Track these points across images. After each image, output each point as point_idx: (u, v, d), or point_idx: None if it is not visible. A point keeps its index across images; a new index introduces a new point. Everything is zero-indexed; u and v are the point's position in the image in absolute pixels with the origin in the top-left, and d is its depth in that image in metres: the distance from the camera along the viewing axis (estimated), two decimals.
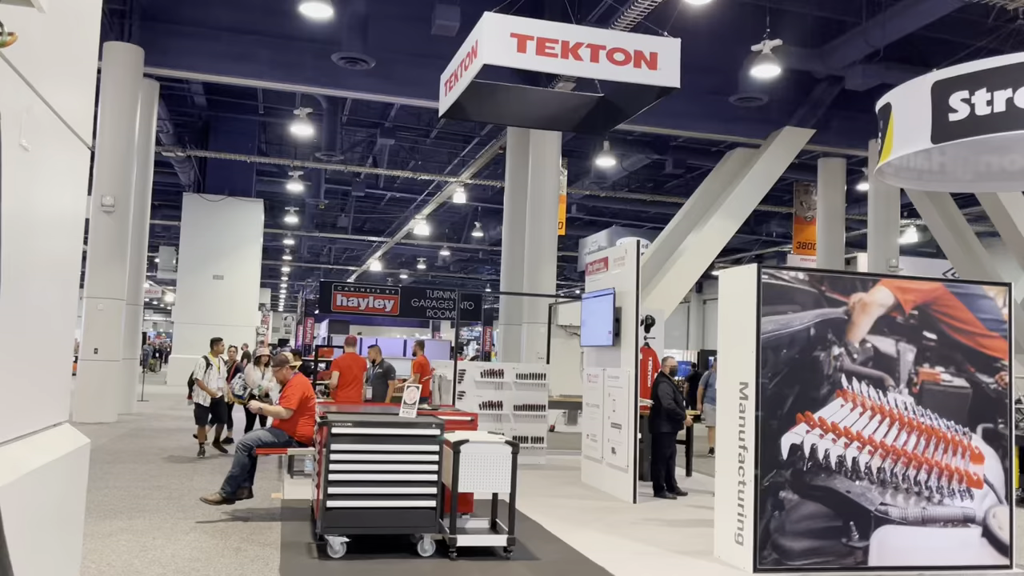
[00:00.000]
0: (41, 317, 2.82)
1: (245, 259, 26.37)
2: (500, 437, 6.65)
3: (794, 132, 17.96)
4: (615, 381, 9.61)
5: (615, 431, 9.51)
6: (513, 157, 18.66)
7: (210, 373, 11.39)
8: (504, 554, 6.40)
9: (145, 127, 16.64)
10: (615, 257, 10.05)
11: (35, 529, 2.71)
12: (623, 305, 9.60)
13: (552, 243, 16.91)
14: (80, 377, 14.69)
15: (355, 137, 23.54)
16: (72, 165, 3.10)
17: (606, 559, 6.48)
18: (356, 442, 6.22)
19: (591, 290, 10.55)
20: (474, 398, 11.59)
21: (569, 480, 10.46)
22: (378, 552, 6.31)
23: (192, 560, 5.96)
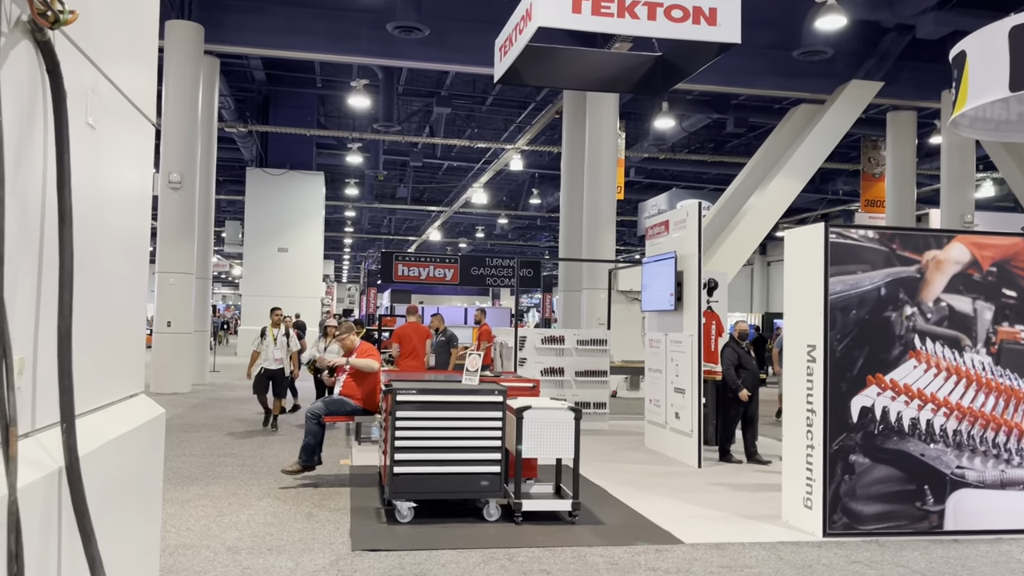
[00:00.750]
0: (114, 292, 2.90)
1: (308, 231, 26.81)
2: (562, 403, 6.65)
3: (861, 85, 17.32)
4: (678, 346, 9.52)
5: (678, 396, 9.44)
6: (570, 121, 18.46)
7: (266, 344, 11.12)
8: (569, 518, 6.44)
9: (207, 103, 16.95)
10: (676, 220, 9.91)
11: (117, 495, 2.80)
12: (685, 269, 9.48)
13: (611, 208, 16.74)
14: (154, 349, 15.22)
15: (411, 107, 23.58)
16: (138, 142, 3.16)
17: (671, 523, 6.46)
18: (421, 409, 6.30)
19: (652, 254, 10.43)
20: (535, 365, 11.62)
21: (632, 445, 10.44)
22: (445, 517, 6.40)
23: (266, 525, 6.14)
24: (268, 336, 11.12)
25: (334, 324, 12.05)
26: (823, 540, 6.12)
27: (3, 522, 1.84)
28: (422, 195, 34.51)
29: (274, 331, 11.18)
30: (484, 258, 17.68)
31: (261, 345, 11.07)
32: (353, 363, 7.81)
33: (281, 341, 11.15)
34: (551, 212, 30.89)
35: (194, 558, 5.28)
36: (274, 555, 5.37)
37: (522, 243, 44.83)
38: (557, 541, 5.86)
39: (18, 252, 2.05)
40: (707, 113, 20.45)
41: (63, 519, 2.24)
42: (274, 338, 11.15)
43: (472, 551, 5.56)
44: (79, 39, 2.40)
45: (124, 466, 2.90)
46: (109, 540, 2.59)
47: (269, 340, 11.10)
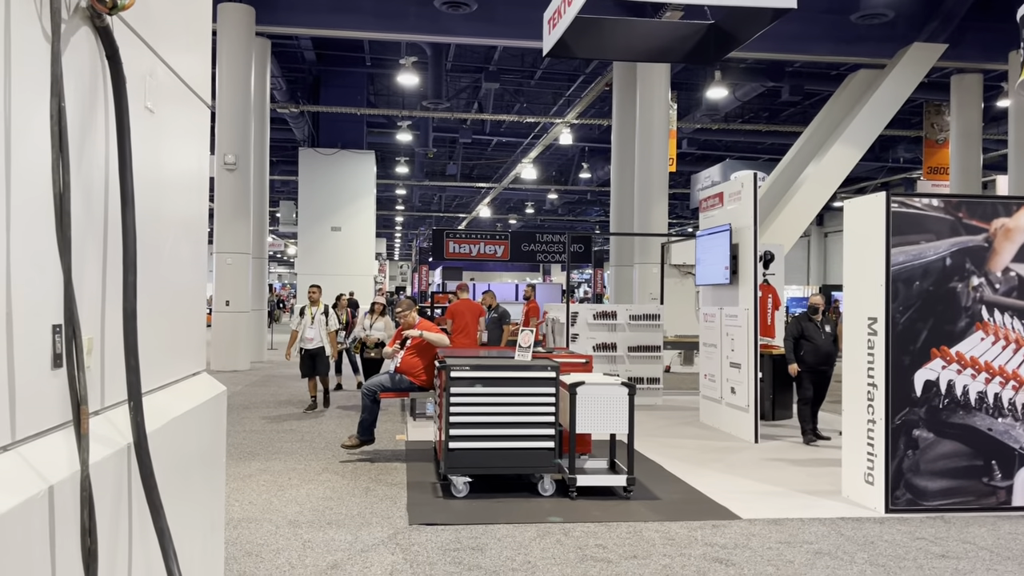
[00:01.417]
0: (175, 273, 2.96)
1: (360, 210, 27.05)
2: (616, 378, 6.64)
3: (923, 48, 16.71)
4: (733, 320, 9.41)
5: (734, 370, 9.33)
6: (620, 93, 18.22)
7: (304, 323, 10.79)
8: (624, 494, 6.44)
9: (260, 85, 17.17)
10: (730, 192, 9.75)
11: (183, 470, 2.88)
12: (740, 241, 9.34)
13: (663, 180, 16.53)
14: (214, 328, 15.58)
15: (460, 83, 23.54)
16: (195, 125, 3.21)
17: (728, 498, 6.42)
18: (475, 385, 6.35)
19: (705, 227, 10.30)
20: (587, 340, 11.60)
21: (687, 420, 10.39)
22: (500, 491, 6.46)
23: (325, 499, 6.27)
24: (306, 314, 10.84)
25: (381, 301, 11.80)
26: (885, 516, 6.02)
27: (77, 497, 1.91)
28: (472, 172, 34.52)
29: (312, 309, 10.90)
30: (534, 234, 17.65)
31: (299, 324, 10.86)
32: (427, 336, 7.81)
33: (319, 320, 10.81)
34: (602, 186, 30.66)
35: (257, 531, 5.42)
36: (334, 529, 5.49)
37: (572, 218, 44.61)
38: (612, 516, 5.87)
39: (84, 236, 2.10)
40: (761, 81, 19.98)
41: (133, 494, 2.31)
42: (311, 316, 10.84)
43: (528, 526, 5.60)
44: (136, 24, 2.44)
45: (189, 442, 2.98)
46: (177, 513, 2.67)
47: (307, 318, 10.81)
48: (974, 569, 4.91)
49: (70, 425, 1.98)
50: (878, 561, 5.02)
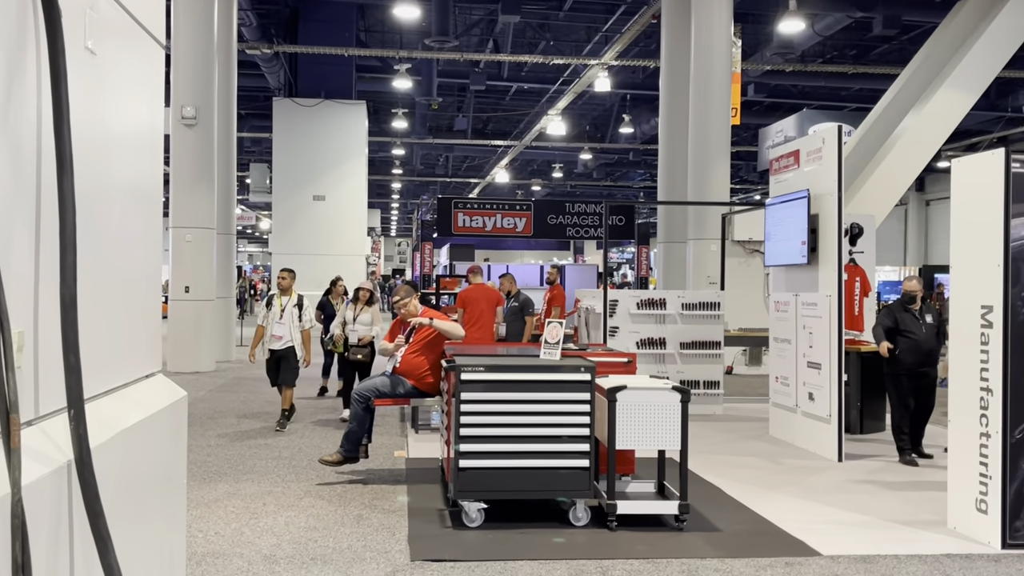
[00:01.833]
0: (123, 251, 2.98)
1: (349, 175, 27.11)
2: (665, 382, 6.63)
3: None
4: (812, 309, 9.38)
5: (812, 372, 9.31)
6: (670, 28, 18.09)
7: (271, 317, 10.39)
8: (675, 524, 6.44)
9: (225, 21, 17.23)
10: (808, 149, 9.71)
11: (136, 493, 2.91)
12: (821, 211, 9.30)
13: (723, 136, 16.43)
14: (171, 320, 15.73)
15: (471, 17, 23.48)
16: (146, 69, 3.22)
17: (804, 530, 6.40)
18: (491, 390, 6.36)
19: (777, 194, 10.27)
20: (629, 335, 11.59)
21: (753, 433, 10.38)
22: (522, 521, 6.48)
23: (308, 529, 6.32)
24: (275, 306, 10.41)
25: (367, 287, 11.43)
26: (1001, 552, 5.98)
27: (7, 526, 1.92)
28: (485, 127, 34.48)
29: (282, 300, 10.46)
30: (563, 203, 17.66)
31: (266, 318, 10.46)
32: (439, 326, 7.82)
33: (290, 313, 10.35)
34: (647, 143, 30.50)
35: (225, 569, 5.48)
36: (319, 566, 5.54)
37: (611, 184, 44.48)
38: (661, 551, 5.87)
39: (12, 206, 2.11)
40: (847, 12, 19.75)
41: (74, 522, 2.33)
42: (280, 308, 10.39)
43: (556, 563, 5.62)
44: None
45: (143, 459, 3.01)
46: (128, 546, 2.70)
47: (274, 311, 10.38)
48: None
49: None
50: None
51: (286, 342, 10.32)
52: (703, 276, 16.07)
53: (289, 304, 10.43)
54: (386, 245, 61.68)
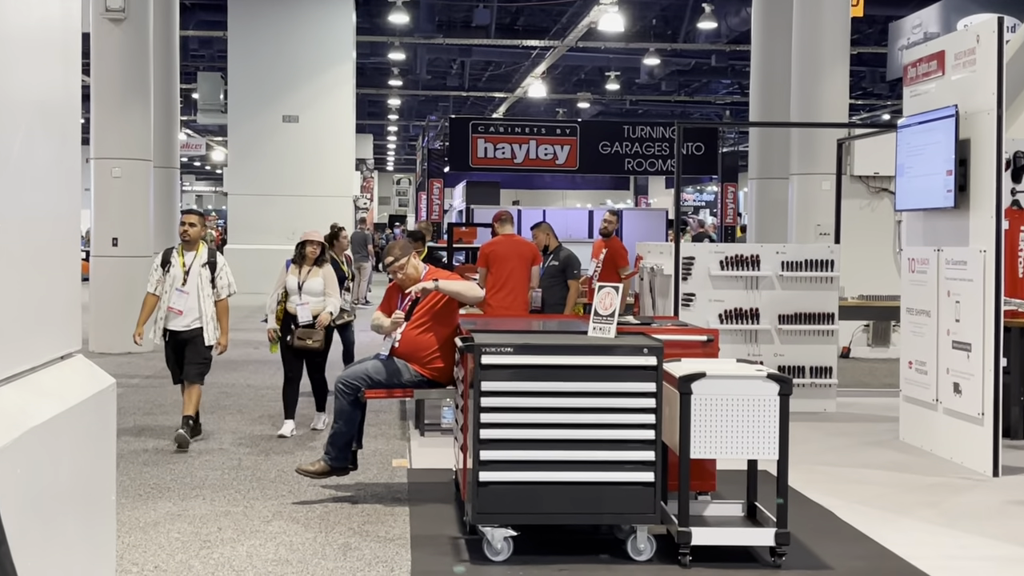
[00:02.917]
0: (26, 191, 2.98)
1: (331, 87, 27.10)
2: (758, 368, 6.61)
3: None
4: (960, 270, 9.31)
5: (961, 355, 9.25)
6: None
7: (169, 282, 9.61)
8: (771, 558, 6.44)
9: None
10: (956, 50, 9.60)
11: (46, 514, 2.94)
12: (973, 136, 9.22)
13: (841, 33, 16.28)
14: (94, 283, 15.85)
15: None
16: None
17: (946, 568, 6.41)
18: (521, 378, 6.36)
19: (914, 112, 10.19)
20: (710, 305, 11.54)
21: (878, 438, 10.37)
22: (563, 553, 6.51)
23: (278, 562, 6.37)
24: (175, 266, 9.64)
25: (318, 239, 10.35)
26: None
27: None
28: (515, 21, 34.28)
29: (184, 257, 9.69)
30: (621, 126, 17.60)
31: (162, 284, 9.63)
32: (446, 287, 7.71)
33: (197, 276, 9.64)
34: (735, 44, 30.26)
35: None
36: None
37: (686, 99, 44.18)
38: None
39: None
40: None
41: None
42: (184, 270, 9.61)
43: None
44: None
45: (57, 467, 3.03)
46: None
47: (175, 273, 9.61)
48: None
49: None
50: None
51: (192, 319, 9.60)
52: (811, 225, 15.97)
53: (195, 263, 9.65)
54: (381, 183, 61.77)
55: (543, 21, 33.74)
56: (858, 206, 16.11)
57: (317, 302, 10.03)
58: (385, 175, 66.75)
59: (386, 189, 62.92)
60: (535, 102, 43.44)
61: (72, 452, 3.20)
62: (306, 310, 9.93)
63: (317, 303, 10.03)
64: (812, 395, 11.54)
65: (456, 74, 42.67)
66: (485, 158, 17.94)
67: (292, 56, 26.40)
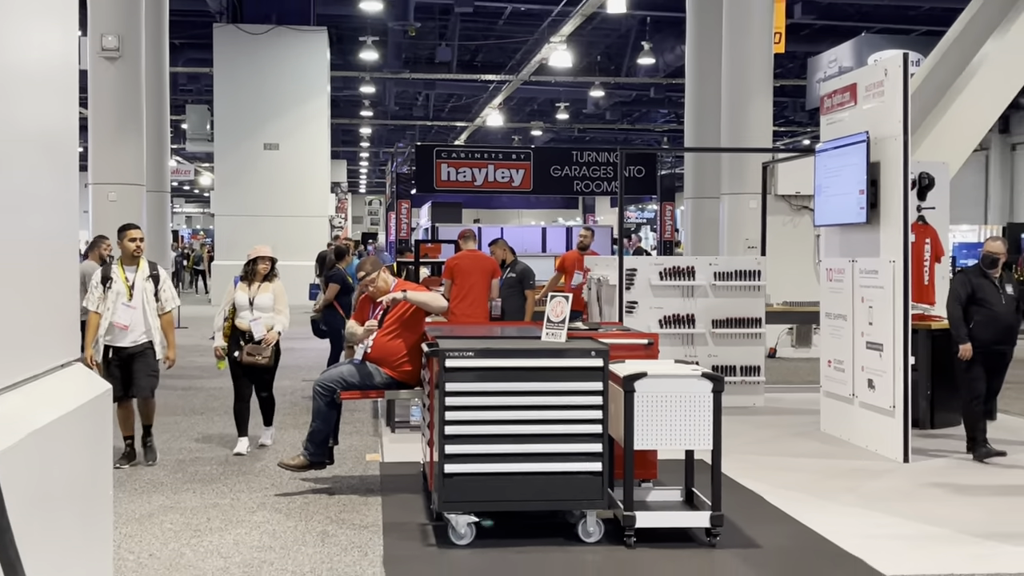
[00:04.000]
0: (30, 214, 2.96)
1: (308, 119, 27.06)
2: (694, 368, 6.65)
3: None
4: (872, 278, 9.40)
5: (873, 354, 9.34)
6: None
7: (111, 298, 8.49)
8: (707, 539, 6.46)
9: None
10: (868, 83, 9.71)
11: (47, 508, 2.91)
12: (882, 159, 9.32)
13: (765, 68, 16.43)
14: None
15: None
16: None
17: (865, 546, 6.42)
18: (482, 379, 6.36)
19: (830, 138, 10.29)
20: (650, 311, 11.60)
21: (801, 429, 10.44)
22: (521, 537, 6.51)
23: (262, 549, 6.34)
24: (117, 281, 8.53)
25: (269, 254, 9.29)
26: None
27: None
28: (474, 58, 34.32)
29: (126, 272, 8.59)
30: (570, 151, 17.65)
31: (102, 300, 8.48)
32: (414, 298, 7.76)
33: (142, 290, 8.56)
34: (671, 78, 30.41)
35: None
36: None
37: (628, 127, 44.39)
38: (688, 572, 5.91)
39: None
40: None
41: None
42: (128, 286, 8.51)
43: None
44: None
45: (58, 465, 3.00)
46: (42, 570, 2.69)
47: (119, 289, 8.50)
48: None
49: None
50: None
51: (140, 334, 8.50)
52: (740, 239, 16.08)
53: (139, 278, 8.58)
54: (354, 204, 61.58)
55: (499, 58, 33.82)
56: (781, 222, 16.21)
57: (268, 317, 9.08)
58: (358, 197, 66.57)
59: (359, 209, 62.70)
60: (493, 130, 43.49)
61: (71, 452, 3.17)
62: (259, 325, 8.99)
63: (268, 318, 9.08)
64: (742, 392, 11.61)
65: (421, 105, 42.68)
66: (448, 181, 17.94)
67: (272, 89, 26.32)
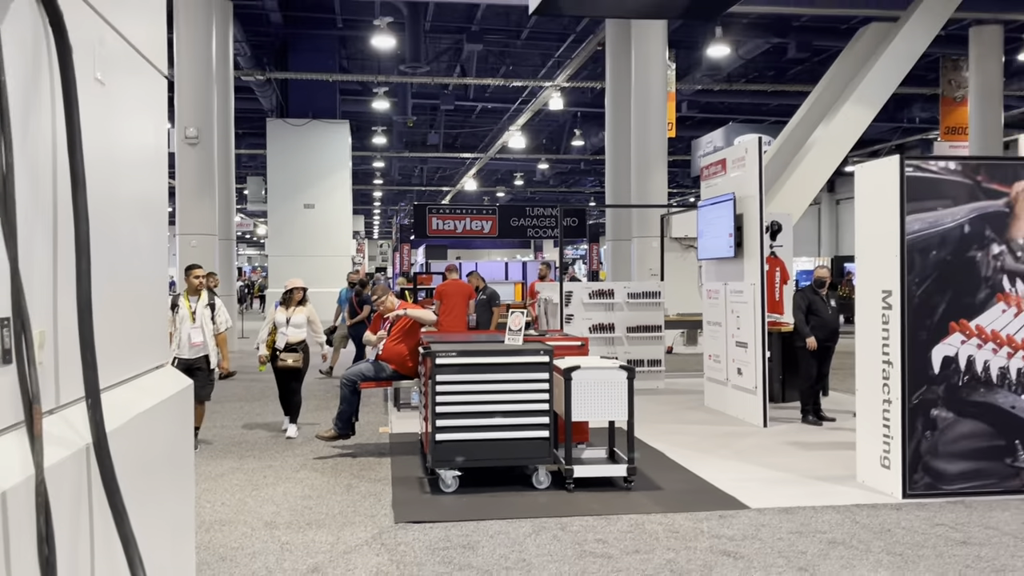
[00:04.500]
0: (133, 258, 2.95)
1: (335, 185, 26.94)
2: (614, 362, 6.66)
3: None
4: (739, 296, 9.46)
5: (741, 350, 9.39)
6: (613, 54, 18.14)
7: (179, 320, 7.88)
8: (624, 484, 6.48)
9: (222, 51, 17.00)
10: (734, 158, 9.78)
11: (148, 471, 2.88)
12: (745, 211, 9.38)
13: (661, 147, 16.53)
14: None
15: (440, 45, 23.37)
16: (150, 96, 3.18)
17: (736, 487, 6.47)
18: (462, 372, 6.37)
19: (708, 197, 10.34)
20: (583, 321, 11.63)
21: (691, 405, 10.45)
22: (491, 485, 6.49)
23: (304, 498, 6.29)
24: (182, 308, 7.94)
25: (302, 285, 9.00)
26: (902, 502, 6.08)
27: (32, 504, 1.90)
28: (455, 141, 34.37)
29: (190, 301, 7.99)
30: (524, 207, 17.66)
31: (173, 323, 7.84)
32: (411, 314, 7.82)
33: (203, 316, 7.99)
34: (596, 154, 30.58)
35: (231, 534, 5.44)
36: (314, 529, 5.51)
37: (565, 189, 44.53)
38: (612, 508, 5.91)
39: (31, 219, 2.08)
40: (766, 38, 19.92)
41: (93, 498, 2.31)
42: (191, 312, 7.94)
43: (522, 521, 5.64)
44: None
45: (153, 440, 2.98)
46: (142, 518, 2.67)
47: (184, 314, 7.91)
48: (997, 556, 4.97)
49: (22, 426, 1.97)
50: (895, 550, 5.08)
51: (201, 350, 7.94)
52: (646, 269, 16.17)
53: (200, 306, 8.03)
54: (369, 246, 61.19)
55: (473, 141, 33.89)
56: (675, 257, 16.33)
57: (298, 333, 8.74)
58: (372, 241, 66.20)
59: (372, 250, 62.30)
60: (470, 193, 43.51)
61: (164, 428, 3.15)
62: (295, 337, 8.70)
63: (297, 333, 8.74)
64: (648, 378, 11.66)
65: (417, 175, 42.64)
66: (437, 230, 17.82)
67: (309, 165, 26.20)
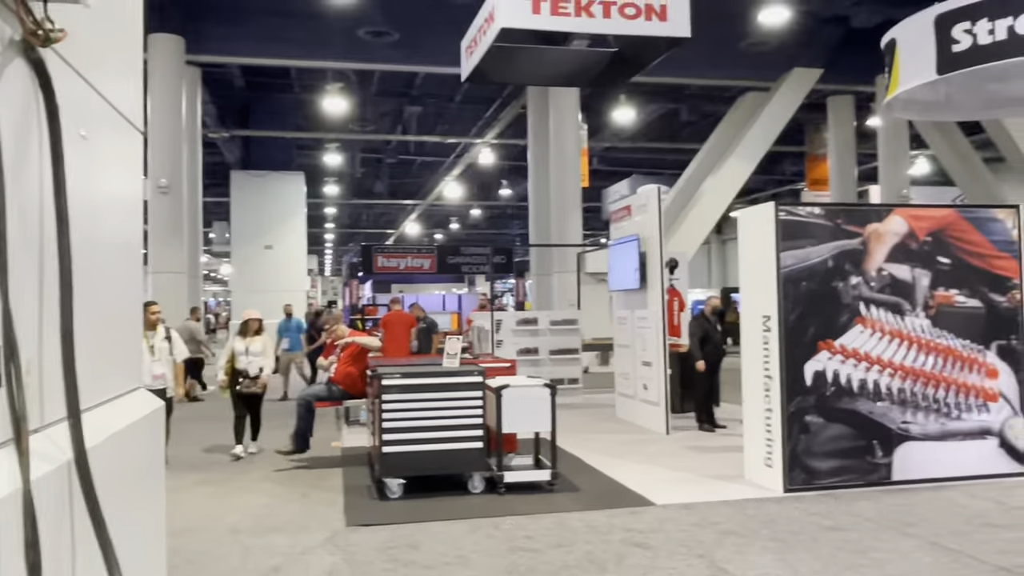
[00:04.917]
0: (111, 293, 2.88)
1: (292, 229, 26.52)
2: (538, 380, 6.70)
3: (803, 73, 17.44)
4: (644, 322, 9.61)
5: (646, 368, 9.52)
6: (535, 115, 18.40)
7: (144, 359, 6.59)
8: (548, 487, 6.49)
9: (191, 111, 16.70)
10: (637, 204, 9.98)
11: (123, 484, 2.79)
12: (647, 250, 9.55)
13: (576, 195, 16.75)
14: None
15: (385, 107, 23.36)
16: (128, 150, 3.12)
17: (643, 486, 6.54)
18: (406, 392, 6.32)
19: (616, 237, 10.50)
20: (512, 346, 11.67)
21: (605, 417, 10.53)
22: (432, 491, 6.42)
23: (265, 506, 6.13)
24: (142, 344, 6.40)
25: (258, 317, 8.69)
26: (784, 495, 6.23)
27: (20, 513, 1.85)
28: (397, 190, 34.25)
29: (148, 335, 7.19)
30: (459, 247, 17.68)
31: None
32: (359, 341, 7.76)
33: (161, 349, 7.37)
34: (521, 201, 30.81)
35: (199, 539, 5.26)
36: (273, 534, 5.37)
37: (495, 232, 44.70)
38: (538, 508, 5.91)
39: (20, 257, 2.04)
40: (662, 103, 20.50)
41: (74, 507, 2.24)
42: (150, 346, 7.23)
43: (460, 522, 5.60)
44: (69, 55, 2.37)
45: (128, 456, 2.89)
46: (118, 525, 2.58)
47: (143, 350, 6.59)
48: (861, 538, 5.13)
49: (11, 443, 1.91)
50: (778, 536, 5.20)
51: (164, 382, 7.27)
52: (565, 300, 16.28)
53: (158, 339, 7.39)
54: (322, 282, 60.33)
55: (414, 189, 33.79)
56: (589, 288, 16.49)
57: (259, 360, 8.43)
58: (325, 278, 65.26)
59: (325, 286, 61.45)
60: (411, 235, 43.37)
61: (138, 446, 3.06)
62: (255, 364, 8.37)
63: (260, 360, 8.43)
64: (568, 394, 11.71)
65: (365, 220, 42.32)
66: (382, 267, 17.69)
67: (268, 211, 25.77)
